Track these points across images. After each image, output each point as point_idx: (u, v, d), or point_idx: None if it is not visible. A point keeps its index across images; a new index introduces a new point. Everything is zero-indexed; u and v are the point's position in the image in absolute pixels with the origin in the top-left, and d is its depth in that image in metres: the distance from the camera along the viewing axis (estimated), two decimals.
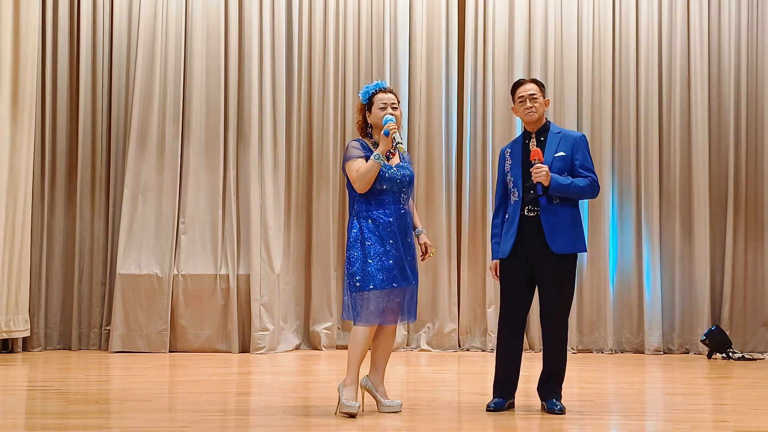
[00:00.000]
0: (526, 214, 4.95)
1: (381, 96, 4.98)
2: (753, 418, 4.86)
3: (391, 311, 4.87)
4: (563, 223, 4.91)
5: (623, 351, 8.22)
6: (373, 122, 5.00)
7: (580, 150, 4.98)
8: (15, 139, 7.56)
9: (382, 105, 4.97)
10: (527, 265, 4.96)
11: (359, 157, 4.90)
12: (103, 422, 4.70)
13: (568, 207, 4.95)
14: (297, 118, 8.32)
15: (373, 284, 4.78)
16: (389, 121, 4.88)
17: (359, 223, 4.88)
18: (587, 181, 4.94)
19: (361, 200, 4.90)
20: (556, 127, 5.12)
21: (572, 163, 4.96)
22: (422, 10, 8.43)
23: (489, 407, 4.97)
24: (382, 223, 4.87)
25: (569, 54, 8.39)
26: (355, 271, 4.80)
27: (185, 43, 8.23)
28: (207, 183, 8.17)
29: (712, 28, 8.44)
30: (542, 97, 5.05)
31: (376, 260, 4.81)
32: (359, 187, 4.86)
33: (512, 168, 5.06)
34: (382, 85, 5.05)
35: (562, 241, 4.88)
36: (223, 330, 8.00)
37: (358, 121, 5.10)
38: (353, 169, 4.88)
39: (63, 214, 8.18)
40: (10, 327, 7.50)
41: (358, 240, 4.84)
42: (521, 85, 5.09)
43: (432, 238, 8.34)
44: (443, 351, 8.22)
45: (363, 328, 4.81)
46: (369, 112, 5.01)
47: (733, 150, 8.33)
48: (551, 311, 4.94)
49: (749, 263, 8.32)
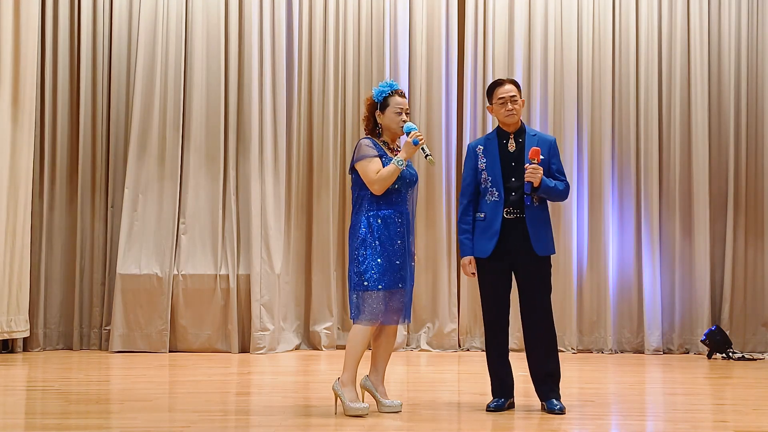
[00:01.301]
0: (506, 217, 4.95)
1: (397, 99, 4.97)
2: (753, 418, 4.86)
3: (395, 311, 4.87)
4: (544, 224, 4.99)
5: (623, 351, 8.22)
6: (387, 124, 4.98)
7: (555, 154, 5.08)
8: (16, 139, 7.55)
9: (399, 110, 4.96)
10: (509, 266, 4.98)
11: (375, 156, 4.88)
12: (103, 422, 4.70)
13: (545, 210, 5.04)
14: (297, 118, 8.32)
15: (382, 284, 4.78)
16: (414, 130, 4.90)
17: (368, 221, 4.86)
18: (563, 185, 5.04)
19: (373, 199, 4.88)
20: (531, 129, 5.17)
21: (549, 166, 5.01)
22: (422, 10, 8.44)
23: (489, 407, 4.97)
24: (391, 223, 4.87)
25: (569, 54, 8.39)
26: (364, 270, 4.79)
27: (185, 42, 8.23)
28: (207, 183, 8.17)
29: (712, 28, 8.44)
30: (520, 98, 5.06)
31: (385, 260, 4.81)
32: (378, 189, 4.84)
33: (488, 167, 5.03)
34: (397, 86, 5.04)
35: (544, 243, 4.95)
36: (223, 330, 8.00)
37: (366, 116, 5.05)
38: (371, 169, 4.85)
39: (63, 215, 8.17)
40: (11, 327, 7.50)
41: (367, 239, 4.83)
42: (500, 86, 5.08)
43: (432, 237, 8.36)
44: (443, 351, 8.22)
45: (365, 327, 4.81)
46: (381, 112, 4.98)
47: (733, 149, 8.33)
48: (540, 313, 4.94)
49: (749, 263, 8.32)
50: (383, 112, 4.98)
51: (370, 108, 5.03)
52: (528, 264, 4.94)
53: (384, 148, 4.97)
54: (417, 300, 8.32)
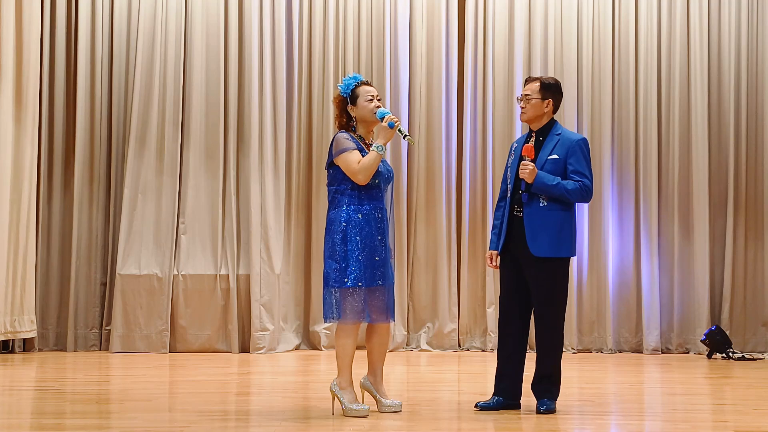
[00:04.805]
0: (515, 214, 4.98)
1: (365, 88, 4.92)
2: (753, 418, 4.86)
3: (377, 309, 4.81)
4: (548, 225, 4.88)
5: (622, 351, 8.22)
6: (360, 115, 4.92)
7: (575, 154, 4.93)
8: (19, 138, 7.53)
9: (369, 97, 4.91)
10: (517, 263, 4.99)
11: (354, 149, 4.82)
12: (103, 422, 4.70)
13: (557, 210, 4.92)
14: (297, 118, 8.31)
15: (362, 281, 4.73)
16: (387, 114, 4.83)
17: (349, 216, 4.79)
18: (577, 185, 4.90)
19: (353, 194, 4.82)
20: (560, 127, 5.06)
21: (565, 167, 4.93)
22: (422, 10, 8.43)
23: (476, 405, 4.98)
24: (372, 218, 4.82)
25: (569, 54, 8.38)
26: (344, 267, 4.74)
27: (185, 42, 8.22)
28: (207, 183, 8.17)
29: (712, 28, 8.44)
30: (540, 97, 5.01)
31: (366, 256, 4.76)
32: (362, 179, 4.78)
33: (511, 165, 5.08)
34: (362, 78, 5.00)
35: (543, 244, 4.86)
36: (223, 330, 8.00)
37: (336, 114, 4.99)
38: (352, 160, 4.78)
39: (63, 214, 8.16)
40: (16, 327, 7.49)
41: (348, 234, 4.77)
42: (524, 84, 5.12)
43: (432, 237, 8.35)
44: (443, 351, 8.22)
45: (349, 326, 4.78)
46: (353, 105, 4.92)
47: (733, 149, 8.33)
48: (539, 313, 4.96)
49: (749, 263, 8.31)
50: (355, 104, 4.92)
51: (340, 104, 4.96)
52: (529, 264, 4.93)
53: (360, 142, 4.91)
54: (417, 300, 8.32)
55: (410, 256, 8.33)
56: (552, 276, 4.92)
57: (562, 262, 4.95)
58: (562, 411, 4.95)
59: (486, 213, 8.26)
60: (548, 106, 5.03)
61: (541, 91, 5.01)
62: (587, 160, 4.98)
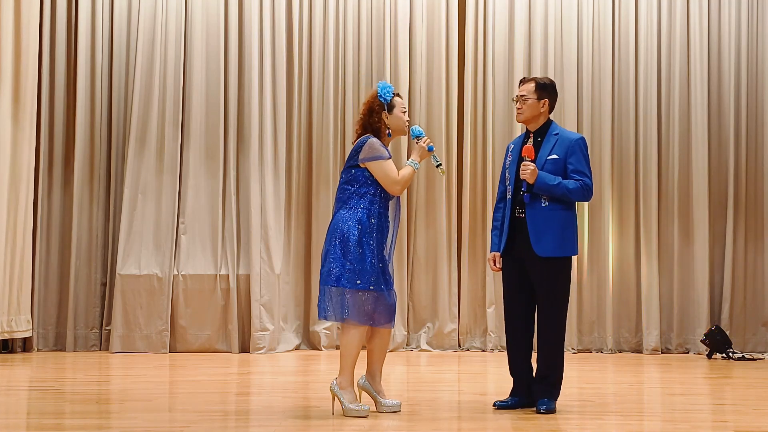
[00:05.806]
0: (516, 215, 4.98)
1: (400, 100, 5.00)
2: (753, 418, 4.86)
3: (384, 313, 4.84)
4: (551, 225, 4.88)
5: (622, 351, 8.22)
6: (394, 124, 4.95)
7: (575, 154, 4.93)
8: (17, 137, 7.54)
9: (404, 109, 4.99)
10: (519, 264, 5.00)
11: (390, 158, 4.88)
12: (103, 422, 4.70)
13: (559, 210, 4.92)
14: (297, 118, 8.32)
15: (374, 285, 4.77)
16: (423, 135, 4.97)
17: (360, 218, 4.81)
18: (578, 184, 4.90)
19: (374, 200, 4.85)
20: (557, 127, 5.07)
21: (565, 166, 4.93)
22: (422, 10, 8.44)
23: (494, 404, 5.02)
24: (384, 225, 4.90)
25: (569, 54, 8.39)
26: (357, 269, 4.76)
27: (185, 42, 8.22)
28: (207, 183, 8.17)
29: (712, 28, 8.44)
30: (536, 98, 5.00)
31: (378, 261, 4.81)
32: (399, 190, 4.87)
33: (510, 165, 5.07)
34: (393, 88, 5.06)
35: (547, 244, 4.87)
36: (223, 330, 8.00)
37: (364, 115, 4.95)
38: (392, 170, 4.84)
39: (63, 214, 8.16)
40: (12, 327, 7.49)
41: (364, 237, 4.79)
42: (519, 84, 5.11)
43: (432, 238, 8.36)
44: (443, 351, 8.22)
45: (358, 328, 4.80)
46: (389, 113, 4.94)
47: (733, 150, 8.33)
48: (542, 313, 4.96)
49: (749, 263, 8.32)
50: (391, 113, 4.94)
51: (378, 108, 4.93)
52: (533, 264, 4.93)
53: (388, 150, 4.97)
54: (417, 300, 8.32)
55: (410, 256, 8.34)
56: (556, 275, 4.93)
57: (566, 262, 4.96)
58: (562, 411, 4.96)
59: (486, 213, 8.26)
60: (544, 106, 5.03)
61: (537, 92, 5.01)
62: (586, 159, 4.99)
